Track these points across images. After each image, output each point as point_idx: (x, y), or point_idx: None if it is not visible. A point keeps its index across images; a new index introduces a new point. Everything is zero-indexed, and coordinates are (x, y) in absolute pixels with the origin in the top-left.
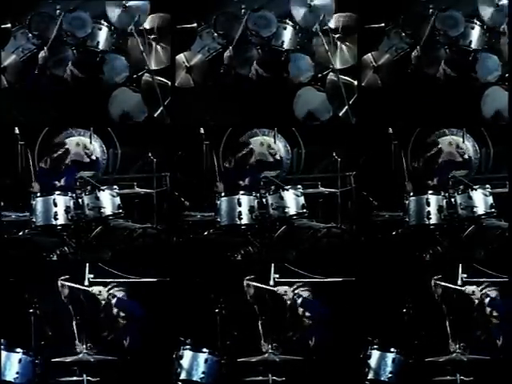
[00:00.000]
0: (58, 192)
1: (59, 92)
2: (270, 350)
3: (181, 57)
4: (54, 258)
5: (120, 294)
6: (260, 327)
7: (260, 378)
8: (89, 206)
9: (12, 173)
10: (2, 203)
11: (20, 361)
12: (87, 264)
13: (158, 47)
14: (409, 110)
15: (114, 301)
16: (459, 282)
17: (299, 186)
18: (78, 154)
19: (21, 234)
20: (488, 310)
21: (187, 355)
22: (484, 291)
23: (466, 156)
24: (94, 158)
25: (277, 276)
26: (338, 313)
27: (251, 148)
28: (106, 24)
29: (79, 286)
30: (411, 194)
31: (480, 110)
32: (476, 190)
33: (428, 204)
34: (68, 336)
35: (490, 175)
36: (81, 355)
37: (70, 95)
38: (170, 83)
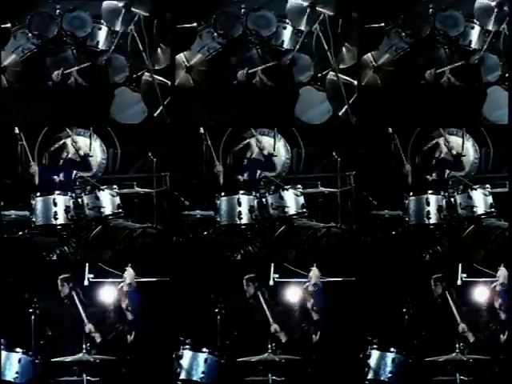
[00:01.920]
0: (57, 192)
1: (59, 92)
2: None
3: (181, 56)
4: (54, 257)
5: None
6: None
7: (260, 378)
8: (89, 205)
9: (12, 173)
10: (2, 203)
11: (20, 361)
12: (87, 264)
13: (158, 47)
14: (409, 110)
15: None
16: (459, 282)
17: (299, 186)
18: (77, 153)
19: (21, 233)
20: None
21: (187, 355)
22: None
23: (464, 156)
24: (92, 157)
25: (276, 276)
26: (338, 313)
27: (251, 146)
28: (105, 24)
29: None
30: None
31: (480, 110)
32: (476, 189)
33: (428, 204)
34: (68, 336)
35: (490, 175)
36: (81, 355)
37: (70, 95)
38: (169, 83)
